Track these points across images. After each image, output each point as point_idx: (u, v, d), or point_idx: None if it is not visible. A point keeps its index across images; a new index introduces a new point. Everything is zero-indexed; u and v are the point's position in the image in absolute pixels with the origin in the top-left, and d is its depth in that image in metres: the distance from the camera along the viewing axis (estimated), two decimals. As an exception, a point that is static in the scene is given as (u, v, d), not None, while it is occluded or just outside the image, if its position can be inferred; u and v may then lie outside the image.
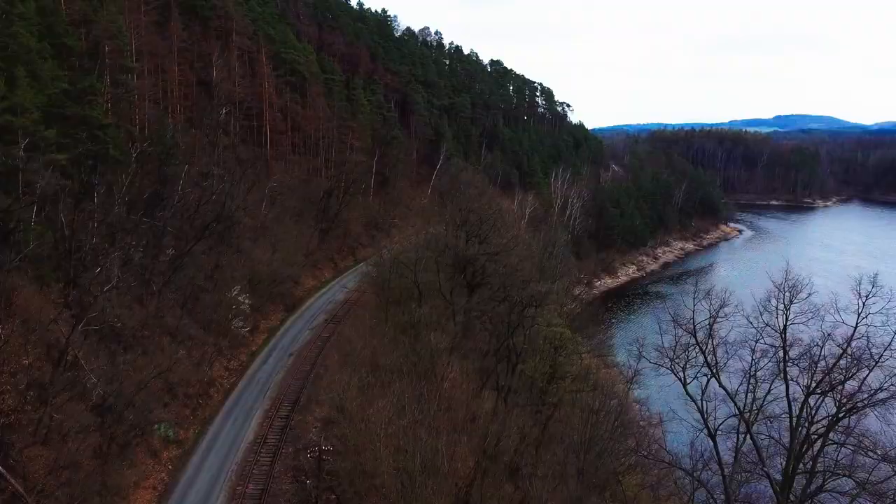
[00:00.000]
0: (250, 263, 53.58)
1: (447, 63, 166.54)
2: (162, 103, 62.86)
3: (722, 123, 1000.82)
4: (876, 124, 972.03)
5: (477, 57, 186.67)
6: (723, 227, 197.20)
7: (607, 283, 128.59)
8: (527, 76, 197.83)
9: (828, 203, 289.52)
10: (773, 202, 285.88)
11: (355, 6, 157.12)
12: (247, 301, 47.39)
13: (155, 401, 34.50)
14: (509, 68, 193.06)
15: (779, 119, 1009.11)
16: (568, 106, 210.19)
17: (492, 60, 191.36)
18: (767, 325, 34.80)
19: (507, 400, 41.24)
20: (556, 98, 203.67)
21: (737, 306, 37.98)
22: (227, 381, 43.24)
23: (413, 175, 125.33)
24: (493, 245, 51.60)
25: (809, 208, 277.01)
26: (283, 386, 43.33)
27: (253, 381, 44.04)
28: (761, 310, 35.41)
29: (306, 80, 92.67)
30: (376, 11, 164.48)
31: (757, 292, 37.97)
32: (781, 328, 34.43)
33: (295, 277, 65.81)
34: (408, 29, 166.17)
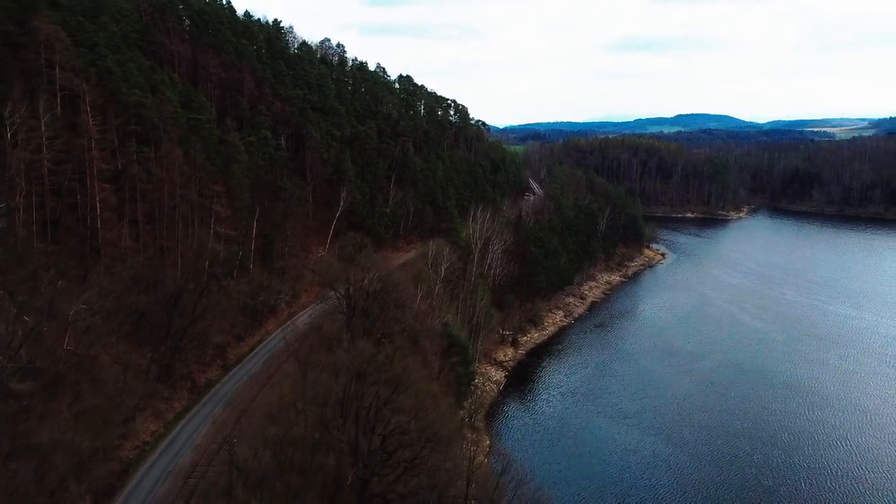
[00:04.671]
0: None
1: (350, 83, 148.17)
2: None
3: (627, 122, 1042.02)
4: (768, 123, 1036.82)
5: (384, 72, 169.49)
6: (646, 251, 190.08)
7: (534, 337, 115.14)
8: (439, 93, 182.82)
9: (740, 214, 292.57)
10: (689, 214, 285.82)
11: (243, 17, 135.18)
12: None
13: None
14: (420, 84, 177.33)
15: (680, 118, 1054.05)
16: (484, 125, 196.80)
17: (400, 76, 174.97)
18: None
19: None
20: (470, 116, 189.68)
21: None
22: None
23: (309, 224, 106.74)
24: (398, 431, 35.41)
25: (723, 220, 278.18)
26: None
27: None
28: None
29: (158, 128, 72.52)
30: (267, 22, 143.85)
31: None
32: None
33: (118, 434, 46.88)
34: (303, 44, 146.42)
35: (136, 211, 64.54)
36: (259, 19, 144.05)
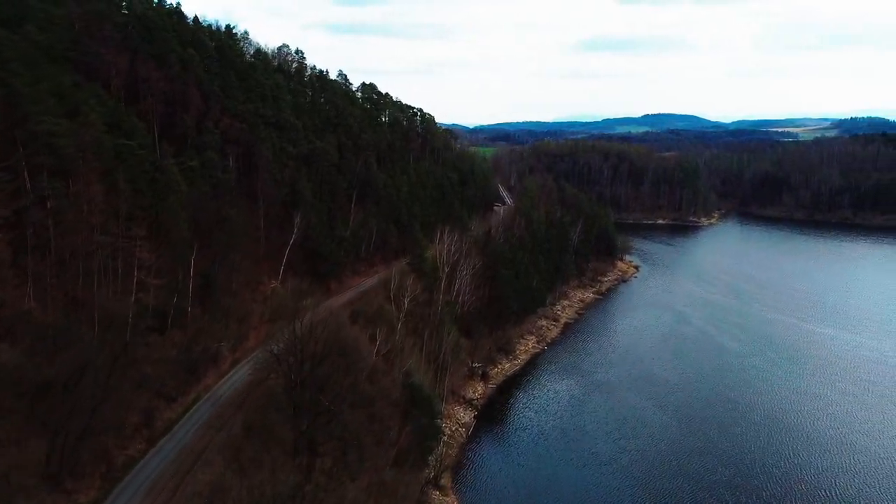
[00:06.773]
0: None
1: (308, 94, 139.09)
2: None
3: (595, 122, 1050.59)
4: (734, 122, 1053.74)
5: (346, 81, 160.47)
6: (619, 264, 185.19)
7: (505, 368, 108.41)
8: (405, 99, 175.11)
9: (711, 220, 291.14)
10: (660, 221, 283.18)
11: (192, 23, 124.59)
12: None
13: None
14: (384, 92, 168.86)
15: (647, 118, 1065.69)
16: (451, 133, 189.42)
17: (364, 84, 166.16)
18: None
19: None
20: (438, 124, 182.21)
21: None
22: None
23: (261, 251, 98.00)
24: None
25: (694, 227, 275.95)
26: None
27: None
28: None
29: (76, 159, 63.37)
30: (219, 28, 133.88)
31: None
32: None
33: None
34: (259, 51, 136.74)
35: (43, 261, 55.55)
36: (210, 24, 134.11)
